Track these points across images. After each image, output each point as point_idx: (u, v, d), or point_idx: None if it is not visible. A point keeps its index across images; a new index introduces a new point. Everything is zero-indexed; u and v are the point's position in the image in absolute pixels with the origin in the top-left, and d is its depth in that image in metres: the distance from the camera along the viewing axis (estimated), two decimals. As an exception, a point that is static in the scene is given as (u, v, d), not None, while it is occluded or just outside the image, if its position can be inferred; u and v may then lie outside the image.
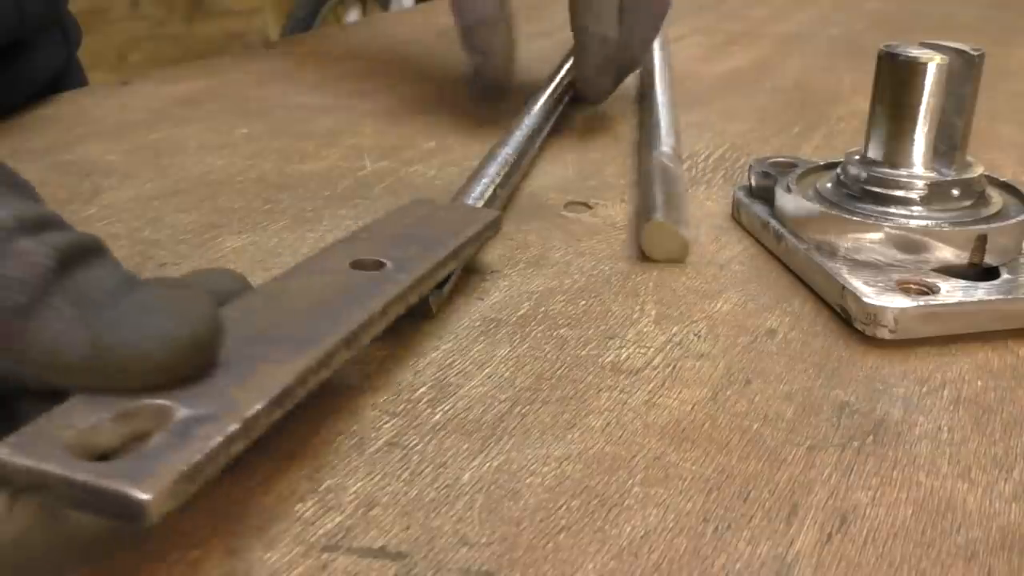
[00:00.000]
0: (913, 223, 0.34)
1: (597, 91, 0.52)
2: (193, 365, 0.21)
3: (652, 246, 0.37)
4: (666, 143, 0.45)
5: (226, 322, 0.23)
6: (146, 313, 0.20)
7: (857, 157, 0.37)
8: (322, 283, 0.28)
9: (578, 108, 0.55)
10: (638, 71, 0.59)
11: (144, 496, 0.18)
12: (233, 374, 0.22)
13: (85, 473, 0.18)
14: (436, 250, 0.31)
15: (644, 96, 0.57)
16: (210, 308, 0.21)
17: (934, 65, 0.34)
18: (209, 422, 0.20)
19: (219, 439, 0.20)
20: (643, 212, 0.39)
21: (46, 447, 0.19)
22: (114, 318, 0.20)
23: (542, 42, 0.70)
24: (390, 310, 0.27)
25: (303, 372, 0.23)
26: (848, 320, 0.32)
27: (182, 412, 0.20)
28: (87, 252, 0.20)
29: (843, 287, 0.33)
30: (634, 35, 0.51)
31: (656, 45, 0.63)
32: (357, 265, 0.29)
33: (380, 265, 0.29)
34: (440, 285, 0.32)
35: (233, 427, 0.20)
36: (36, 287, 0.19)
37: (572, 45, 0.51)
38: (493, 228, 0.35)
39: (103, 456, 0.20)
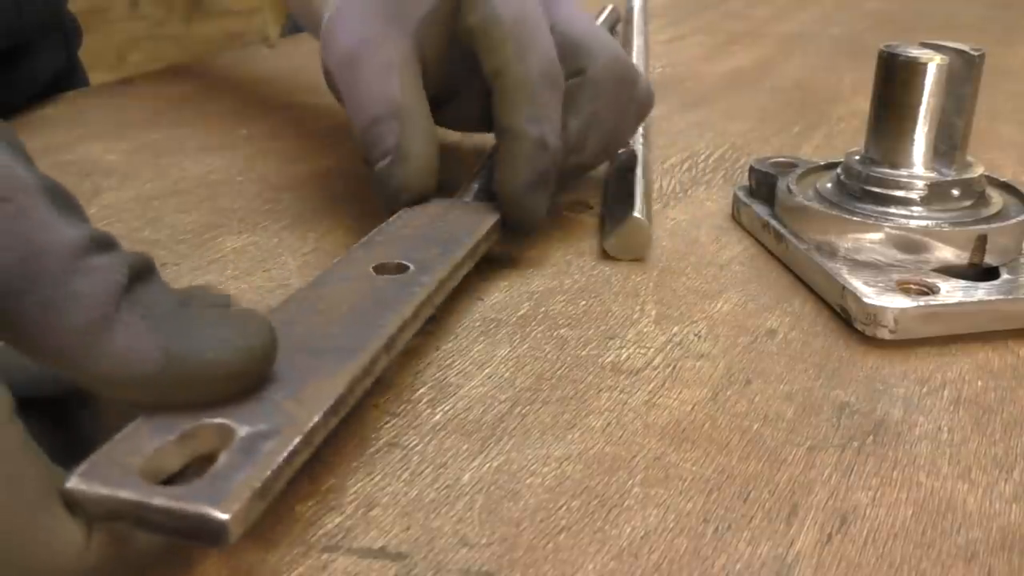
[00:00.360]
0: (913, 223, 0.34)
1: (526, 215, 0.35)
2: (260, 374, 0.22)
3: (619, 253, 0.37)
4: (631, 142, 0.45)
5: (276, 320, 0.23)
6: (212, 325, 0.21)
7: (857, 157, 0.37)
8: (351, 290, 0.28)
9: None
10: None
11: (224, 516, 0.18)
12: (285, 388, 0.22)
13: (163, 498, 0.18)
14: (454, 250, 0.31)
15: None
16: (266, 320, 0.22)
17: (934, 65, 0.34)
18: (271, 438, 0.20)
19: (284, 454, 0.20)
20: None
21: (119, 473, 0.19)
22: (183, 331, 0.20)
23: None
24: (421, 312, 0.28)
25: (351, 381, 0.23)
26: (848, 320, 0.32)
27: (243, 430, 0.20)
28: (147, 270, 0.21)
29: (843, 287, 0.33)
30: (584, 140, 0.37)
31: (636, 30, 0.61)
32: (380, 269, 0.30)
33: (403, 268, 0.30)
34: None
35: (296, 441, 0.20)
36: (109, 302, 0.19)
37: (494, 147, 0.37)
38: (500, 225, 0.35)
39: (171, 478, 0.20)
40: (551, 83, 0.36)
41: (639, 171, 0.41)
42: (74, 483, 0.19)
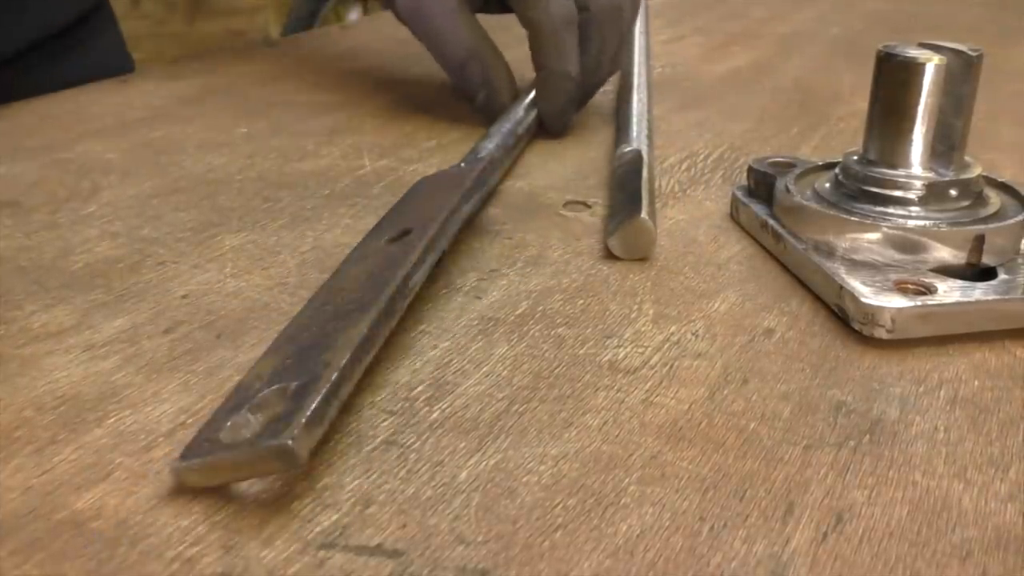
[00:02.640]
0: (911, 223, 0.34)
1: (561, 127, 0.52)
2: None
3: (622, 252, 0.37)
4: (634, 141, 0.46)
5: (307, 312, 0.29)
6: None
7: (855, 157, 0.37)
8: (367, 262, 0.32)
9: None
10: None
11: (289, 442, 0.22)
12: (323, 345, 0.27)
13: (245, 444, 0.23)
14: (450, 214, 0.35)
15: (621, 89, 0.56)
16: None
17: (932, 65, 0.34)
18: (316, 382, 0.24)
19: (326, 389, 0.24)
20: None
21: (208, 446, 0.24)
22: None
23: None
24: (427, 258, 0.32)
25: (373, 323, 0.27)
26: (846, 320, 0.32)
27: (293, 385, 0.25)
28: None
29: (841, 287, 0.33)
30: (598, 64, 0.52)
31: (637, 30, 0.63)
32: (391, 241, 0.33)
33: (407, 232, 0.33)
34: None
35: (334, 377, 0.25)
36: None
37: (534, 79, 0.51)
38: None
39: None
40: (569, 24, 0.49)
41: (645, 172, 0.41)
42: (180, 465, 0.23)
